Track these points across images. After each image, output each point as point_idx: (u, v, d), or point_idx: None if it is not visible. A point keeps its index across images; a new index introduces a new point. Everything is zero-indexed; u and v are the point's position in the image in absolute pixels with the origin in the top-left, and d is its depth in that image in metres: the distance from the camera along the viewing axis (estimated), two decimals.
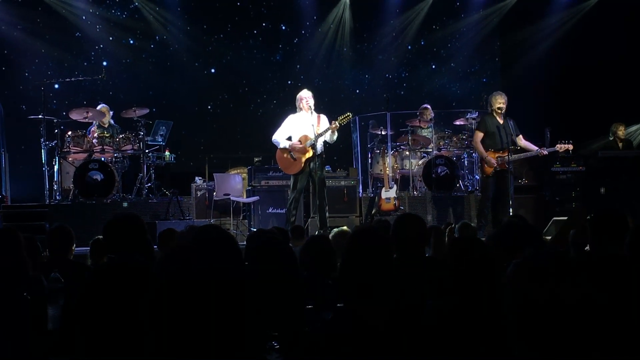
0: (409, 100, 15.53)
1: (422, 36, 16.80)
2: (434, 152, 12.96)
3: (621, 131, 13.23)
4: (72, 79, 13.86)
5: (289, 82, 16.36)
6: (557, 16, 15.93)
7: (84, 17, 15.33)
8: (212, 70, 16.32)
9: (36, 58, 15.15)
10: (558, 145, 11.09)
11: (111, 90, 15.06)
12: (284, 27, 16.65)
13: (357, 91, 16.64)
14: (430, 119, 13.37)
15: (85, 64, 15.49)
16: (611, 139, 13.29)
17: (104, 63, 15.44)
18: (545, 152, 11.25)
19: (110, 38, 15.64)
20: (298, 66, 16.58)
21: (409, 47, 16.88)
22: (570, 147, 11.10)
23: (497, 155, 11.03)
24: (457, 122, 13.70)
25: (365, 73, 16.75)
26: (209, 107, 16.23)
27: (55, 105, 14.35)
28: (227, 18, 16.18)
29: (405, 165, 13.20)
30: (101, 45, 15.64)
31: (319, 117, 10.78)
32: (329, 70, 16.40)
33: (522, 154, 11.29)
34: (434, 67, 16.98)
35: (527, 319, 2.30)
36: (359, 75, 16.69)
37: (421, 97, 15.56)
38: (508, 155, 10.91)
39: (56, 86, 13.72)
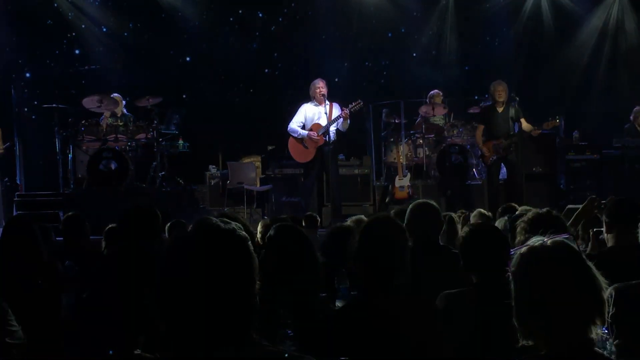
0: (390, 88, 15.24)
1: (403, 23, 16.42)
2: (448, 140, 12.91)
3: None
4: (86, 68, 13.84)
5: (266, 70, 16.07)
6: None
7: (55, 5, 14.82)
8: (188, 59, 15.87)
9: (7, 47, 14.59)
10: (545, 123, 11.19)
11: (83, 79, 14.44)
12: (260, 15, 16.15)
13: (336, 79, 15.53)
14: (443, 103, 13.26)
15: (57, 52, 15.10)
16: (630, 124, 13.14)
17: (76, 51, 15.14)
18: (539, 131, 11.33)
19: (83, 26, 15.12)
20: (275, 54, 16.22)
21: (389, 35, 16.53)
22: (557, 122, 11.20)
23: (492, 143, 11.17)
24: (471, 110, 13.64)
25: (344, 61, 16.24)
26: (184, 96, 15.37)
27: (26, 95, 14.11)
28: (203, 5, 15.65)
29: (419, 154, 13.16)
30: (73, 33, 15.15)
31: (331, 105, 10.85)
32: (307, 58, 15.90)
33: (516, 137, 11.30)
34: (414, 55, 16.58)
35: (528, 308, 2.29)
36: (337, 63, 15.98)
37: (402, 85, 15.33)
38: (506, 141, 11.02)
39: (28, 75, 13.48)
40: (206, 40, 15.62)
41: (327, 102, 10.87)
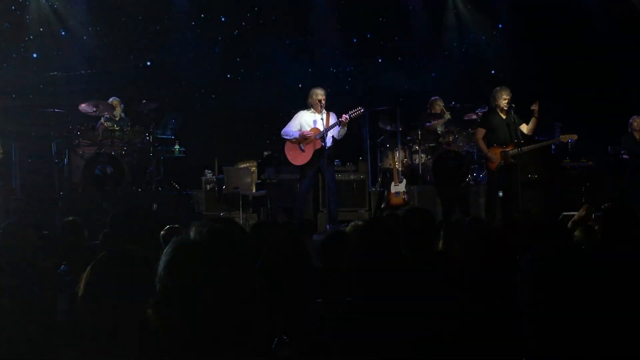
0: (356, 95, 15.11)
1: (369, 28, 16.20)
2: (444, 146, 12.91)
3: (637, 122, 13.00)
4: (82, 72, 13.84)
5: (228, 75, 15.89)
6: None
7: (13, 7, 14.51)
8: (148, 63, 15.51)
9: None
10: (562, 136, 11.16)
11: (41, 83, 14.30)
12: (223, 19, 15.90)
13: (300, 85, 14.82)
14: (442, 112, 13.24)
15: (15, 55, 14.79)
16: (627, 134, 13.11)
17: (34, 55, 14.86)
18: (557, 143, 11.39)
19: (41, 29, 14.83)
20: (238, 59, 15.98)
21: (355, 40, 16.37)
22: (575, 136, 11.14)
23: (500, 150, 11.02)
24: (467, 117, 13.64)
25: (308, 67, 15.91)
26: (144, 101, 13.72)
27: None
28: (164, 8, 15.37)
29: (415, 160, 13.17)
30: (31, 37, 14.84)
31: (328, 114, 10.88)
32: (270, 64, 15.64)
33: (531, 145, 11.26)
34: (380, 60, 16.37)
35: (539, 316, 2.26)
36: (301, 69, 15.68)
37: (367, 92, 15.20)
38: (515, 149, 10.92)
39: None
40: (166, 45, 15.45)
41: (324, 110, 10.90)
